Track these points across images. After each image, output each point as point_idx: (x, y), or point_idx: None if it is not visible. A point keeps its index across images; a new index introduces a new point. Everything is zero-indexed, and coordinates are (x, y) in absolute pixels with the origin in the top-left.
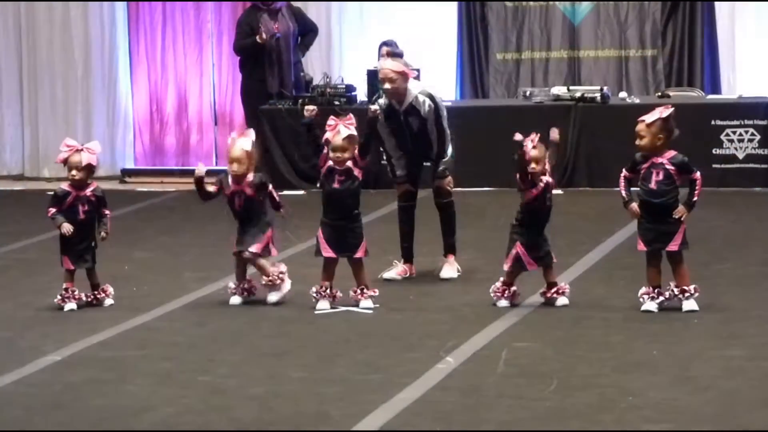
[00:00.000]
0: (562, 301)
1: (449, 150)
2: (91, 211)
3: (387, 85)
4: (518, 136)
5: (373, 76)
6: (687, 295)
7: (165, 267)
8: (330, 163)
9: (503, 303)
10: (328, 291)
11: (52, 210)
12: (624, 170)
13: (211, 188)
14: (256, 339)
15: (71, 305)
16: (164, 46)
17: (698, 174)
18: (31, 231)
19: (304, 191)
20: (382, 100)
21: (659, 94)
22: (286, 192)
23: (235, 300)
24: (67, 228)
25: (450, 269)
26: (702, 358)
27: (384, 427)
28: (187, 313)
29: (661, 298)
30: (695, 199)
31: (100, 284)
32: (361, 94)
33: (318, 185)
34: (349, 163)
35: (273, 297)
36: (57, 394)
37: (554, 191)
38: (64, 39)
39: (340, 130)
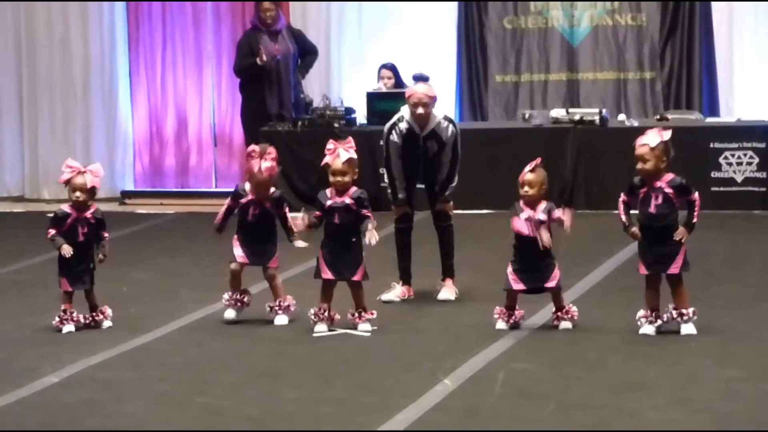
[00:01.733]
0: (564, 325)
1: (456, 175)
2: (90, 233)
3: (420, 110)
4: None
5: (372, 98)
6: (686, 318)
7: (163, 288)
8: (329, 202)
9: (501, 325)
10: (326, 313)
11: (52, 231)
12: (622, 195)
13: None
14: (253, 360)
15: (69, 327)
16: (164, 66)
17: (696, 195)
18: (30, 252)
19: (303, 212)
20: (402, 124)
21: (658, 116)
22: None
23: (230, 313)
24: (67, 250)
25: (448, 291)
26: (699, 380)
27: None
28: (184, 334)
29: (659, 322)
30: (695, 220)
31: (98, 306)
32: (361, 116)
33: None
34: (349, 200)
35: (283, 320)
36: (53, 415)
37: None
38: (63, 59)
39: (340, 153)
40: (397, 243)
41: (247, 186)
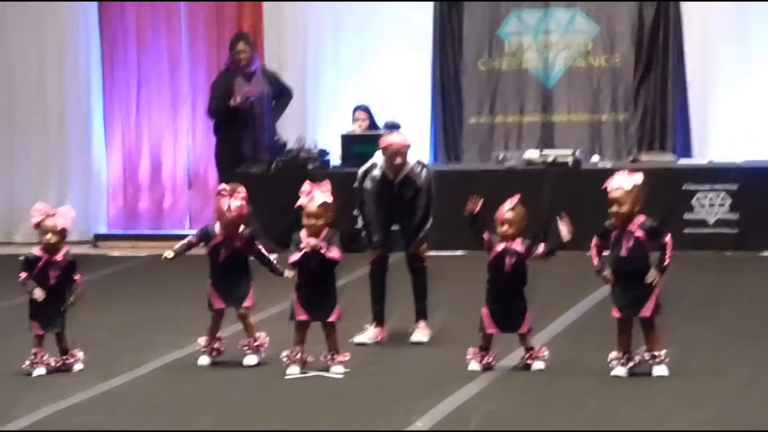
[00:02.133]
0: (537, 365)
1: (431, 218)
2: (62, 276)
3: (399, 160)
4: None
5: (346, 140)
6: (658, 359)
7: (136, 331)
8: (304, 244)
9: (474, 366)
10: (299, 356)
11: (24, 275)
12: (594, 238)
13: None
14: (226, 403)
15: (40, 370)
16: (139, 109)
17: (669, 237)
18: (1, 296)
19: (278, 255)
20: (376, 171)
21: (632, 158)
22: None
23: (204, 360)
24: (38, 293)
25: (421, 333)
26: (671, 422)
27: None
28: (157, 377)
29: (631, 363)
30: (667, 262)
31: (69, 349)
32: (335, 158)
33: (290, 265)
34: (323, 250)
35: (252, 360)
36: None
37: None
38: (39, 103)
39: (315, 196)
40: (371, 285)
41: (217, 227)
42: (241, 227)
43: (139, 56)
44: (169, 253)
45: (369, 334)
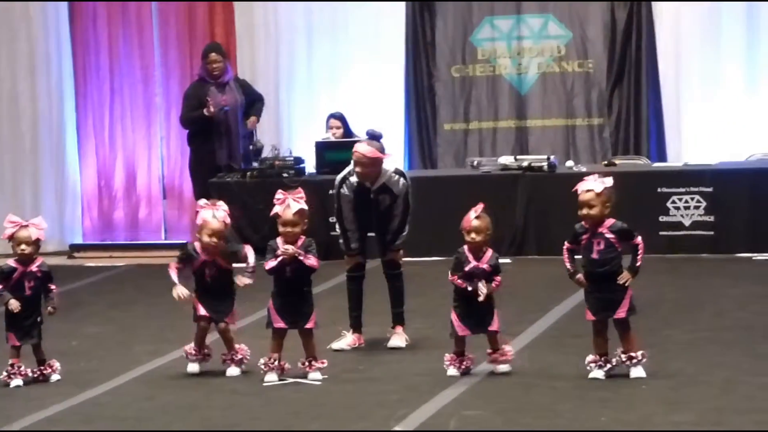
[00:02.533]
0: (503, 367)
1: (407, 225)
2: (37, 286)
3: (358, 168)
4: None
5: (321, 147)
6: (635, 361)
7: (114, 341)
8: (281, 251)
9: (452, 372)
10: (276, 363)
11: None
12: (566, 242)
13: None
14: (206, 412)
15: (17, 381)
16: (112, 119)
17: (639, 239)
18: None
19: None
20: (353, 178)
21: (606, 162)
22: (235, 264)
23: (194, 367)
24: (14, 305)
25: (398, 339)
26: (650, 424)
27: None
28: (136, 386)
29: (609, 366)
30: (639, 264)
31: (46, 359)
32: (310, 166)
33: (267, 271)
34: (302, 257)
35: (234, 371)
36: None
37: (500, 261)
38: (11, 114)
39: (290, 204)
40: (348, 291)
41: (197, 245)
42: (212, 240)
43: (112, 65)
44: (182, 291)
45: (347, 340)
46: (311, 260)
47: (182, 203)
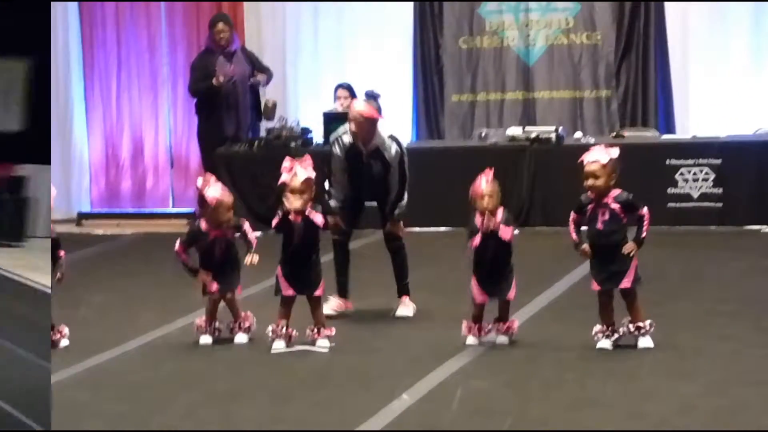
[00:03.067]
0: (501, 339)
1: (405, 195)
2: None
3: (352, 126)
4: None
5: (329, 118)
6: (642, 331)
7: (121, 309)
8: (291, 217)
9: (471, 340)
10: (284, 330)
11: None
12: (572, 213)
13: None
14: (211, 380)
15: None
16: (119, 90)
17: (645, 209)
18: None
19: (261, 233)
20: (346, 137)
21: (614, 134)
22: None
23: (206, 339)
24: None
25: (405, 308)
26: (656, 395)
27: None
28: (142, 354)
29: (616, 336)
30: (644, 234)
31: (54, 325)
32: (317, 136)
33: (273, 229)
34: (310, 214)
35: (242, 338)
36: None
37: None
38: None
39: (298, 172)
40: (334, 255)
41: (202, 224)
42: (229, 215)
43: (119, 36)
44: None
45: (332, 304)
46: (318, 217)
47: (189, 173)
